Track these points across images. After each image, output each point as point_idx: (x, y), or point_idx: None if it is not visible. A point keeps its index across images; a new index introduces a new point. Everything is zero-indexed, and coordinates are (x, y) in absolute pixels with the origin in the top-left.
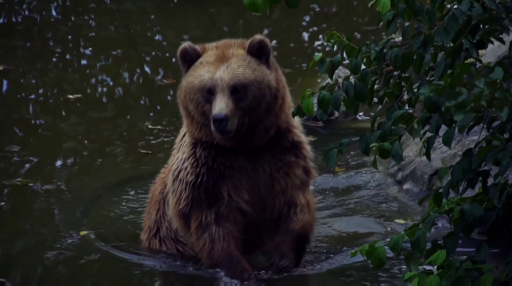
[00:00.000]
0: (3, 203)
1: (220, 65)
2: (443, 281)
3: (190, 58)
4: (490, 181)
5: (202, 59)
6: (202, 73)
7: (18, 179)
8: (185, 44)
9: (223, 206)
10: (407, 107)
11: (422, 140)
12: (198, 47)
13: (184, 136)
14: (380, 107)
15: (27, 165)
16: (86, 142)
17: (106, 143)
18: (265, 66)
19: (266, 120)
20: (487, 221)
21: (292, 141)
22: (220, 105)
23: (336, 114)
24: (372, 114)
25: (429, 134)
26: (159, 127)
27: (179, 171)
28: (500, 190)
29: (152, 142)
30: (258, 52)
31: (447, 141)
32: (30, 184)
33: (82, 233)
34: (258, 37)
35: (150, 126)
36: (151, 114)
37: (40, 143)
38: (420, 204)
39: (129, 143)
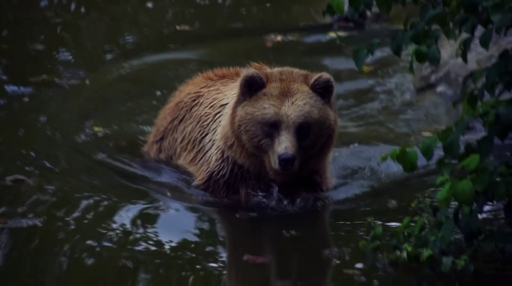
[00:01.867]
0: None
1: (285, 100)
2: (476, 186)
3: (256, 88)
4: None
5: (265, 91)
6: (265, 106)
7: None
8: (253, 72)
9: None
10: (442, 7)
11: (458, 41)
12: (263, 75)
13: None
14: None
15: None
16: None
17: None
18: (328, 106)
19: (316, 159)
20: None
21: (322, 177)
22: (287, 144)
23: (368, 14)
24: None
25: (465, 35)
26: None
27: (208, 148)
28: None
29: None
30: (323, 91)
31: (484, 43)
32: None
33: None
34: (325, 75)
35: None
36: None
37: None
38: (454, 107)
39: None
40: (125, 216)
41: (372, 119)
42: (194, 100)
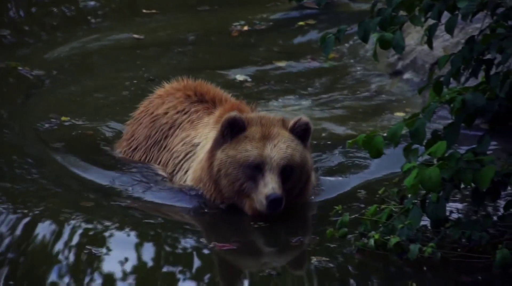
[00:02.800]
0: None
1: (267, 143)
2: (443, 173)
3: (238, 130)
4: (493, 70)
5: (247, 134)
6: (248, 148)
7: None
8: (235, 114)
9: None
10: None
11: (424, 28)
12: (245, 119)
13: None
14: None
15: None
16: None
17: None
18: (306, 150)
19: (296, 199)
20: (489, 111)
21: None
22: (273, 184)
23: None
24: None
25: (431, 22)
26: None
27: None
28: (503, 79)
29: None
30: (302, 134)
31: (449, 29)
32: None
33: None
34: (303, 119)
35: None
36: None
37: None
38: (420, 94)
39: None
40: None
41: (339, 104)
42: (170, 128)
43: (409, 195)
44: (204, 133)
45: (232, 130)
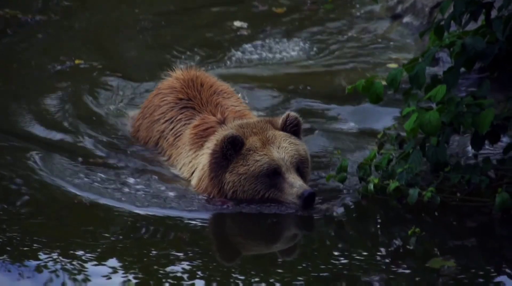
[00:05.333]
0: None
1: (271, 147)
2: (442, 116)
3: (240, 147)
4: (493, 13)
5: (248, 147)
6: (257, 158)
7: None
8: (232, 133)
9: None
10: None
11: None
12: (239, 134)
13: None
14: None
15: None
16: None
17: None
18: (302, 142)
19: None
20: (489, 55)
21: None
22: (299, 182)
23: None
24: None
25: None
26: None
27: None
28: (504, 23)
29: None
30: (295, 129)
31: None
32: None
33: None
34: (291, 114)
35: None
36: None
37: None
38: (421, 37)
39: None
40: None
41: (338, 49)
42: (159, 138)
43: (409, 140)
44: (182, 155)
45: (235, 149)
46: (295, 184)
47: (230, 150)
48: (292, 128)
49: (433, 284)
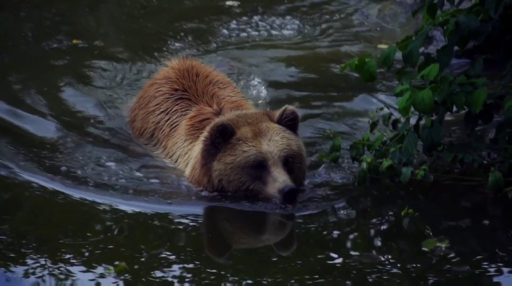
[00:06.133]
0: None
1: (261, 139)
2: (435, 95)
3: (229, 136)
4: None
5: (238, 136)
6: (245, 149)
7: None
8: (222, 121)
9: None
10: None
11: None
12: (232, 123)
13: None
14: None
15: None
16: None
17: None
18: (298, 138)
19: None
20: (482, 33)
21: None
22: (283, 177)
23: None
24: None
25: None
26: None
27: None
28: (497, 1)
29: None
30: (292, 123)
31: None
32: None
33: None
34: (289, 108)
35: None
36: None
37: None
38: (414, 16)
39: None
40: None
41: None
42: (155, 129)
43: (402, 121)
44: (178, 146)
45: (224, 137)
46: (279, 178)
47: (219, 138)
48: (288, 122)
49: (426, 265)
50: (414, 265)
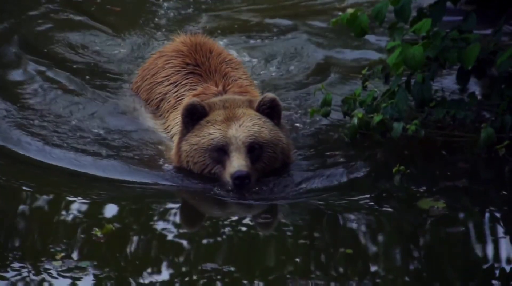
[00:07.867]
0: None
1: (232, 123)
2: (427, 51)
3: (198, 117)
4: None
5: (209, 118)
6: (211, 131)
7: None
8: (194, 100)
9: None
10: None
11: None
12: (205, 104)
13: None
14: None
15: None
16: None
17: None
18: (279, 128)
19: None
20: None
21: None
22: (239, 162)
23: None
24: None
25: None
26: None
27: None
28: None
29: None
30: (270, 111)
31: None
32: None
33: None
34: (269, 95)
35: None
36: None
37: None
38: None
39: None
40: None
41: None
42: (162, 100)
43: (393, 77)
44: (176, 122)
45: (192, 117)
46: (235, 163)
47: (187, 119)
48: (266, 110)
49: (420, 224)
50: (407, 224)
